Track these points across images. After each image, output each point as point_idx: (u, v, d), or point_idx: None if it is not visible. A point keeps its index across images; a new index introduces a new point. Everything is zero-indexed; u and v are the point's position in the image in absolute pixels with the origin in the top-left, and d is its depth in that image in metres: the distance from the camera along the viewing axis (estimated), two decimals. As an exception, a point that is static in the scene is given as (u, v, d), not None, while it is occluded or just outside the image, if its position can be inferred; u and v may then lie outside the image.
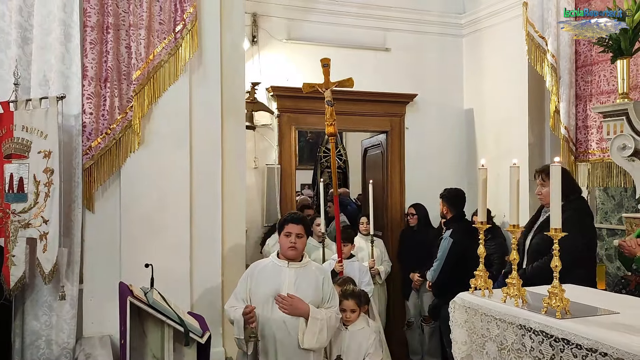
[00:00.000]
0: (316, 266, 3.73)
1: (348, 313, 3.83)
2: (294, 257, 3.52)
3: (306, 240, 3.58)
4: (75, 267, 4.02)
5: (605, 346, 2.08)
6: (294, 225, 3.51)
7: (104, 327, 4.08)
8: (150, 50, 4.19)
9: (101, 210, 4.15)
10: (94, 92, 4.08)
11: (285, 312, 3.38)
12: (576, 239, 3.46)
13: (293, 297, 3.40)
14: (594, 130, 5.13)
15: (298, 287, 3.46)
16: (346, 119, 6.39)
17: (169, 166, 4.24)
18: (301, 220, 3.59)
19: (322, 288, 3.55)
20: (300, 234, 3.51)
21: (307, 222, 3.64)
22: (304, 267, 3.57)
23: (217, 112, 4.40)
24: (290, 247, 3.48)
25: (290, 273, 3.50)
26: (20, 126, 3.82)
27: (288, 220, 3.57)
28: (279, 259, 3.56)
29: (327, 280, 3.61)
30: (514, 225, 2.65)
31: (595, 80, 5.13)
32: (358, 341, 3.79)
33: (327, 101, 4.86)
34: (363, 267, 5.20)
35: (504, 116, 6.06)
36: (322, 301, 3.54)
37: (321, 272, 3.68)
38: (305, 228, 3.56)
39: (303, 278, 3.50)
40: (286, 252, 3.52)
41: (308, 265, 3.60)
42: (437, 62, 6.67)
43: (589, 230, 3.71)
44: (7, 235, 3.79)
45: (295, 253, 3.51)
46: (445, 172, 6.49)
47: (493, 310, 2.65)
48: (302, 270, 3.54)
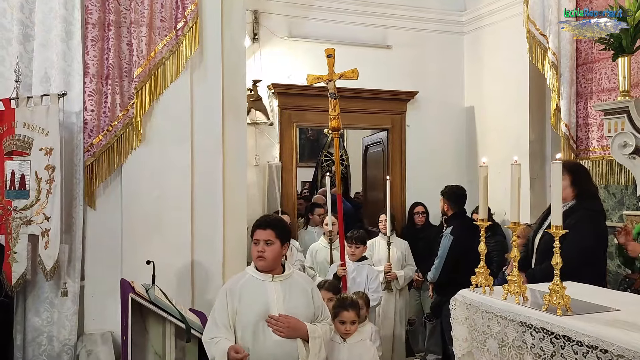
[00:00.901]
0: (300, 276, 3.31)
1: (347, 325, 3.50)
2: (264, 268, 3.04)
3: (282, 247, 3.07)
4: (77, 263, 4.03)
5: (606, 343, 2.09)
6: (261, 230, 3.03)
7: (105, 323, 4.09)
8: (151, 47, 4.19)
9: (102, 207, 4.15)
10: (95, 89, 4.08)
11: (282, 335, 2.95)
12: (587, 239, 3.45)
13: (288, 317, 2.97)
14: (595, 127, 5.13)
15: (288, 304, 3.02)
16: (347, 116, 6.37)
17: (170, 163, 4.24)
18: (270, 224, 3.07)
19: (313, 301, 3.14)
20: (270, 240, 3.01)
21: (280, 226, 3.10)
22: (290, 279, 3.10)
23: (218, 109, 4.40)
24: (259, 257, 3.01)
25: (276, 288, 3.03)
26: (22, 123, 3.83)
27: (255, 225, 3.10)
28: (259, 272, 3.06)
29: (315, 292, 3.21)
30: (514, 222, 2.66)
31: (596, 77, 5.13)
32: (358, 354, 3.51)
33: (330, 93, 4.68)
34: (373, 271, 4.83)
35: (505, 114, 6.06)
36: (314, 315, 3.13)
37: (308, 282, 3.26)
38: (277, 233, 3.03)
39: (291, 292, 3.06)
40: (256, 263, 3.06)
41: (293, 276, 3.14)
42: (438, 59, 6.67)
43: (601, 231, 3.66)
44: (8, 232, 3.80)
45: (264, 264, 3.02)
46: (445, 170, 6.50)
47: (494, 308, 2.65)
48: (288, 283, 3.08)
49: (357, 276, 4.65)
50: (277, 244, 3.03)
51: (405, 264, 5.67)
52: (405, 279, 5.63)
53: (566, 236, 2.44)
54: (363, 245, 4.81)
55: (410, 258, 5.73)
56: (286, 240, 3.13)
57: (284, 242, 3.09)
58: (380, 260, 5.47)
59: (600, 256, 3.64)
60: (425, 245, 5.78)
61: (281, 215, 5.46)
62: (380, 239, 5.58)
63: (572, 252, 3.28)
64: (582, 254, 3.35)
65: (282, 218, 3.56)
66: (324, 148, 9.88)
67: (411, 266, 5.69)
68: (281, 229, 3.09)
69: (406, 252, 5.72)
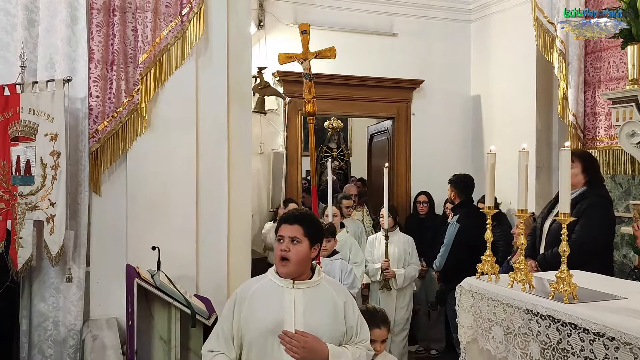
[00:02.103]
0: (333, 284, 2.68)
1: (378, 345, 3.03)
2: (287, 274, 2.52)
3: (311, 249, 2.55)
4: (82, 249, 4.03)
5: (613, 330, 2.08)
6: (287, 225, 2.54)
7: (111, 309, 4.10)
8: (156, 33, 4.16)
9: (108, 193, 4.15)
10: (100, 75, 4.06)
11: (295, 356, 2.40)
12: (599, 225, 3.46)
13: (305, 334, 2.41)
14: (603, 117, 5.09)
15: (309, 318, 2.48)
16: (352, 104, 6.38)
17: (175, 150, 4.23)
18: (299, 218, 2.56)
19: (345, 317, 2.55)
20: (297, 238, 2.50)
21: (311, 222, 2.58)
22: (316, 287, 2.55)
23: (224, 96, 4.38)
24: (282, 257, 2.50)
25: (297, 297, 2.50)
26: (27, 109, 3.82)
27: (281, 219, 2.62)
28: (279, 277, 2.55)
29: (350, 306, 2.59)
30: (521, 210, 2.64)
31: (605, 66, 5.09)
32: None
33: (304, 74, 4.27)
34: (346, 266, 4.51)
35: (512, 103, 6.03)
36: (344, 335, 2.55)
37: (341, 292, 2.63)
38: (306, 230, 2.52)
39: (316, 304, 2.51)
40: (277, 267, 2.54)
41: (321, 285, 2.58)
42: (444, 47, 6.63)
43: (611, 218, 3.70)
44: (14, 217, 3.80)
45: (286, 269, 2.50)
46: (451, 159, 6.48)
47: (500, 295, 2.64)
48: (313, 293, 2.53)
49: (330, 273, 4.17)
50: (306, 243, 2.51)
51: (408, 262, 5.31)
52: (406, 279, 5.22)
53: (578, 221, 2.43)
54: (333, 239, 4.47)
55: (414, 256, 5.35)
56: (317, 241, 2.59)
57: (315, 242, 2.56)
58: (380, 257, 5.20)
59: (609, 243, 3.65)
60: (431, 235, 5.77)
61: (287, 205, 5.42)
62: (382, 235, 5.25)
63: (584, 236, 3.30)
64: (594, 239, 3.37)
65: (314, 214, 2.95)
66: (323, 143, 9.66)
67: (415, 265, 5.34)
68: (312, 225, 2.56)
69: (409, 249, 5.33)
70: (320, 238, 2.63)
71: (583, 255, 2.72)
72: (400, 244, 5.29)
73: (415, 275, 5.36)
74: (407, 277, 5.23)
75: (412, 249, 5.35)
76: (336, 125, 9.53)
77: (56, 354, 3.95)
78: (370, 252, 5.27)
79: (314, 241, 2.56)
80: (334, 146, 9.74)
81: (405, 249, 5.31)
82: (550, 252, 3.44)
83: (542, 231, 3.73)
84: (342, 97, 6.26)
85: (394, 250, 5.22)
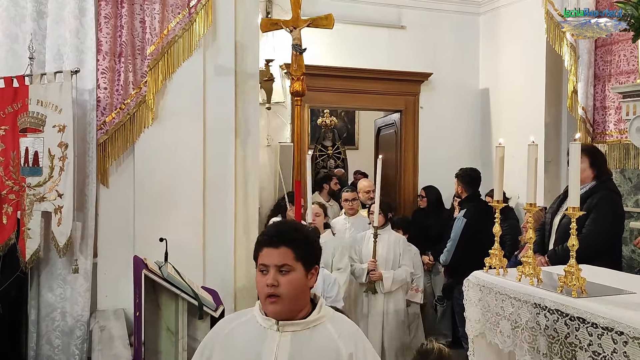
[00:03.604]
0: (340, 326, 1.88)
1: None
2: (279, 314, 1.81)
3: (307, 275, 1.84)
4: (90, 240, 4.05)
5: (622, 325, 2.07)
6: (270, 250, 1.81)
7: (118, 300, 4.13)
8: (164, 25, 4.16)
9: (115, 185, 4.16)
10: (108, 66, 4.07)
11: None
12: (610, 219, 3.45)
13: None
14: (612, 111, 5.05)
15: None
16: (359, 97, 6.36)
17: (182, 142, 4.23)
18: (284, 238, 1.82)
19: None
20: (287, 265, 1.79)
21: (301, 239, 1.84)
22: (311, 331, 1.83)
23: (231, 88, 4.38)
24: (268, 295, 1.79)
25: (281, 343, 1.80)
26: (35, 100, 3.83)
27: (261, 242, 1.85)
28: (262, 314, 1.86)
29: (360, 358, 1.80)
30: (530, 203, 2.62)
31: (615, 60, 5.04)
32: None
33: (293, 45, 3.62)
34: (329, 276, 4.08)
35: (520, 96, 5.98)
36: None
37: (350, 340, 1.84)
38: (297, 251, 1.81)
39: (306, 354, 1.79)
40: (264, 305, 1.83)
41: (321, 327, 1.84)
42: (453, 40, 6.58)
43: (621, 213, 3.69)
44: (22, 208, 3.82)
45: (278, 308, 1.79)
46: (459, 153, 6.44)
47: (508, 289, 2.63)
48: (305, 338, 1.81)
49: None
50: (300, 270, 1.81)
51: (399, 264, 4.75)
52: (395, 282, 4.65)
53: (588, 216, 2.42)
54: None
55: (406, 257, 4.79)
56: (314, 263, 1.88)
57: (311, 265, 1.85)
58: (368, 257, 4.67)
59: (619, 238, 3.64)
60: (437, 229, 5.76)
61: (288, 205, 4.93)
62: (371, 233, 4.62)
63: (596, 230, 3.29)
64: (605, 233, 3.35)
65: (302, 226, 2.19)
66: (317, 141, 9.02)
67: (407, 267, 4.76)
68: (304, 244, 1.84)
69: (400, 250, 4.76)
70: (317, 257, 1.91)
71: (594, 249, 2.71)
72: (390, 243, 4.75)
73: (406, 279, 4.75)
74: (397, 280, 4.66)
75: (403, 249, 4.79)
76: (330, 122, 9.06)
77: (64, 344, 3.98)
78: (358, 250, 4.80)
79: (310, 264, 1.85)
80: (329, 144, 9.17)
81: (395, 250, 4.75)
82: (562, 247, 3.43)
83: (552, 226, 3.71)
84: (350, 90, 6.23)
85: (383, 250, 4.68)
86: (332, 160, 9.09)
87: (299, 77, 3.62)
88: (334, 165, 9.05)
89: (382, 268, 4.64)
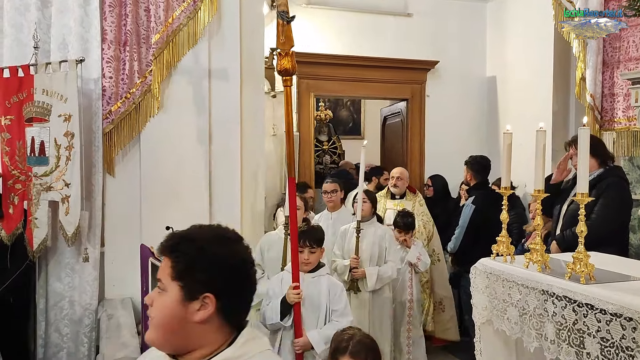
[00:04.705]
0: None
1: None
2: (152, 344, 1.40)
3: (187, 301, 1.35)
4: (97, 230, 4.07)
5: (631, 311, 2.05)
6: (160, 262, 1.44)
7: (125, 289, 4.15)
8: (169, 13, 4.14)
9: (121, 174, 4.17)
10: (113, 55, 4.06)
11: None
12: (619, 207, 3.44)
13: None
14: (621, 98, 4.99)
15: None
16: (365, 85, 6.32)
17: (188, 131, 4.23)
18: (167, 245, 1.43)
19: None
20: (160, 283, 1.39)
21: (188, 253, 1.38)
22: None
23: (236, 77, 4.36)
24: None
25: None
26: (41, 90, 3.83)
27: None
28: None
29: None
30: (538, 190, 2.60)
31: (624, 46, 4.97)
32: None
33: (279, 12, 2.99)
34: (335, 285, 3.28)
35: (528, 84, 5.93)
36: None
37: None
38: (173, 268, 1.37)
39: None
40: None
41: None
42: (459, 28, 6.53)
43: (629, 199, 3.68)
44: (29, 198, 3.84)
45: (149, 335, 1.39)
46: (466, 141, 6.40)
47: (515, 276, 2.62)
48: None
49: (313, 294, 3.15)
50: (172, 293, 1.36)
51: (384, 260, 4.29)
52: (380, 279, 4.18)
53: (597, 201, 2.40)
54: (319, 248, 3.25)
55: (392, 252, 4.33)
56: (206, 289, 1.34)
57: (195, 291, 1.34)
58: (349, 252, 4.21)
59: (626, 224, 3.63)
60: (444, 218, 5.74)
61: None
62: (354, 227, 4.16)
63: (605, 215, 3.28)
64: (613, 217, 3.34)
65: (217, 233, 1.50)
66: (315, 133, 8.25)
67: (393, 263, 4.29)
68: (188, 259, 1.37)
69: (386, 244, 4.30)
70: (213, 283, 1.34)
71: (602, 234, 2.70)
72: (375, 237, 4.28)
73: (392, 275, 4.28)
74: (382, 277, 4.19)
75: (389, 243, 4.33)
76: (325, 115, 8.52)
77: (72, 332, 4.01)
78: (340, 245, 4.30)
79: (194, 289, 1.33)
80: (325, 138, 8.66)
81: (381, 244, 4.28)
82: (570, 232, 3.41)
83: (560, 212, 3.70)
84: (356, 79, 6.19)
85: (368, 245, 4.22)
86: (328, 155, 8.57)
87: (288, 52, 2.92)
88: (329, 161, 8.53)
89: (365, 264, 4.19)
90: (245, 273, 1.40)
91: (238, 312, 1.40)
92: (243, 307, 1.42)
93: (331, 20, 5.69)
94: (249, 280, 1.41)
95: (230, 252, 1.40)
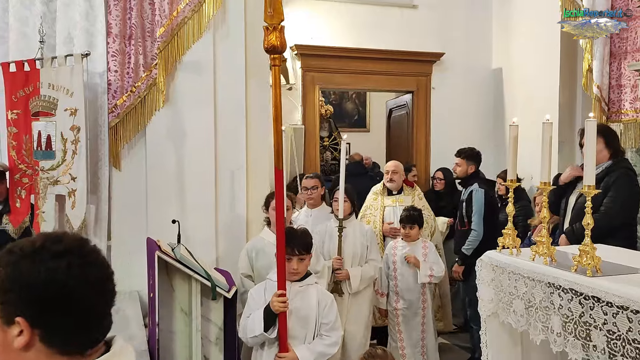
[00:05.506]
0: None
1: None
2: None
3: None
4: (103, 223, 4.08)
5: (637, 304, 2.04)
6: None
7: (132, 283, 4.15)
8: (173, 6, 4.13)
9: (127, 168, 4.18)
10: (118, 49, 4.06)
11: None
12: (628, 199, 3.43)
13: None
14: (628, 89, 4.97)
15: None
16: (371, 78, 6.31)
17: (193, 125, 4.23)
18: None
19: None
20: None
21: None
22: None
23: (241, 70, 4.35)
24: None
25: None
26: (47, 84, 3.84)
27: None
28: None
29: None
30: (545, 182, 2.59)
31: (632, 37, 4.94)
32: None
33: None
34: (325, 296, 3.05)
35: (534, 76, 5.90)
36: None
37: None
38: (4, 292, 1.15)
39: None
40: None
41: None
42: (465, 19, 6.50)
43: (638, 193, 3.66)
44: (36, 192, 3.86)
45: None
46: (471, 133, 6.39)
47: (521, 269, 2.61)
48: None
49: (300, 306, 2.91)
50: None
51: (366, 259, 4.09)
52: (364, 280, 4.01)
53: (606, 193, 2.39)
54: (308, 255, 3.02)
55: (374, 251, 4.14)
56: (19, 313, 1.14)
57: (10, 314, 1.14)
58: (329, 254, 4.02)
59: (634, 217, 3.61)
60: (442, 210, 5.72)
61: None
62: (335, 226, 4.00)
63: (614, 207, 3.26)
64: (622, 210, 3.33)
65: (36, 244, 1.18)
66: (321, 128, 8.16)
67: (375, 262, 4.12)
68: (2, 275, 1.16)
69: (368, 243, 4.11)
70: (23, 302, 1.14)
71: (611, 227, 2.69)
72: (356, 236, 4.09)
73: (374, 276, 4.13)
74: (365, 277, 4.01)
75: (371, 242, 4.14)
76: (325, 111, 8.33)
77: (80, 325, 4.02)
78: (320, 244, 4.02)
79: (11, 309, 1.15)
80: (325, 134, 8.47)
81: (362, 242, 4.09)
82: (580, 225, 3.40)
83: (567, 205, 3.69)
84: (361, 71, 6.19)
85: (349, 245, 4.03)
86: (329, 152, 8.43)
87: (276, 27, 2.61)
88: (330, 157, 8.38)
89: (348, 265, 3.99)
90: (64, 296, 1.15)
91: (68, 339, 1.17)
92: (77, 333, 1.18)
93: (336, 13, 5.68)
94: (73, 304, 1.16)
95: (41, 270, 1.14)
